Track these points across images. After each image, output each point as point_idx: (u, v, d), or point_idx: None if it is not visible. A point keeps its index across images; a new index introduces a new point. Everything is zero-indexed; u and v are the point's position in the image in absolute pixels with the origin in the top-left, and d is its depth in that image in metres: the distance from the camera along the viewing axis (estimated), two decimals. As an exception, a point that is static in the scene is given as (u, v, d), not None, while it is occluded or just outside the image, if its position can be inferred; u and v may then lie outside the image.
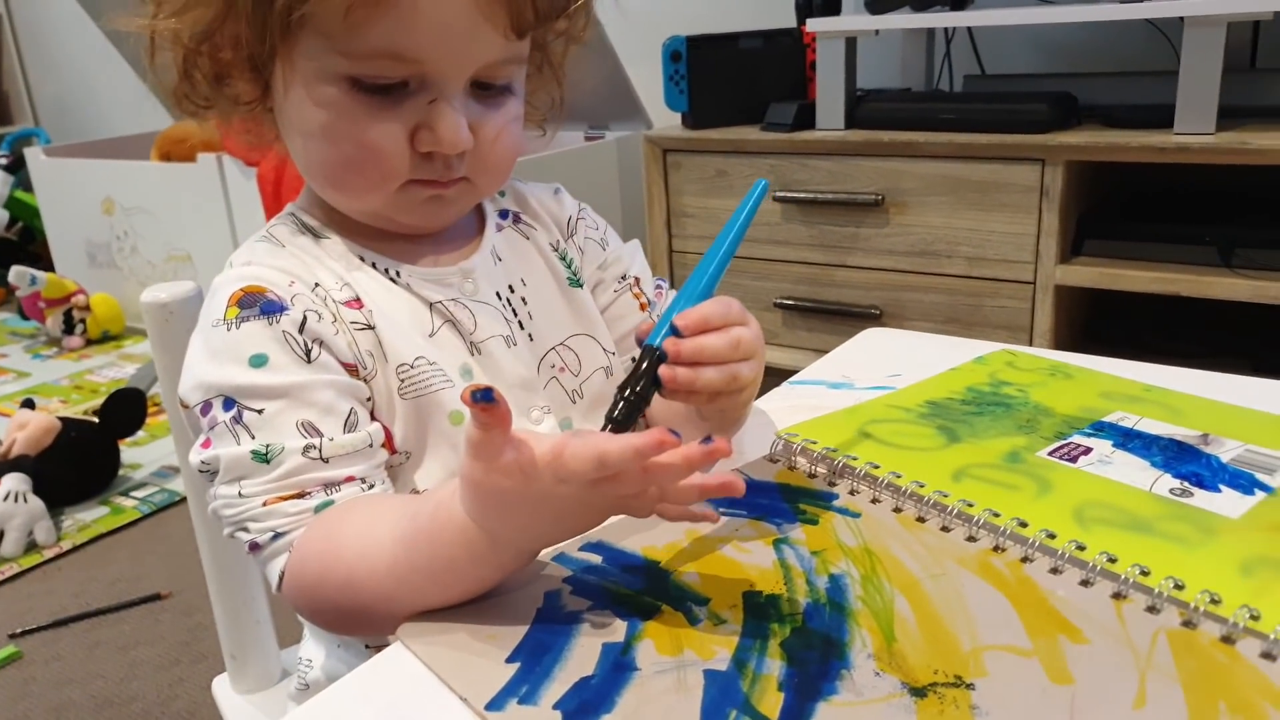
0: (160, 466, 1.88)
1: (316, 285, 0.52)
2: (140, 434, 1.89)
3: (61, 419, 1.76)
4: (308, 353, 0.49)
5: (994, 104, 1.37)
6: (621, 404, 0.45)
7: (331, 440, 0.48)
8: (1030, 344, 1.37)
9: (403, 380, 0.52)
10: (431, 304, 0.55)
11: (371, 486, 0.49)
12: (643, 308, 0.63)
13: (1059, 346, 1.36)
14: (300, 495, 0.47)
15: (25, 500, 1.58)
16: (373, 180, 0.50)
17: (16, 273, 2.54)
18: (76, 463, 1.73)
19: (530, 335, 0.58)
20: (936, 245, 1.40)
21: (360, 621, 0.47)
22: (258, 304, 0.49)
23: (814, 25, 1.48)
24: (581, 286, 0.62)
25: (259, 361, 0.48)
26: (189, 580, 1.48)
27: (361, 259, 0.54)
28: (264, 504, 0.47)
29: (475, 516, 0.40)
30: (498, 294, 0.57)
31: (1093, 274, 1.31)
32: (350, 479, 0.48)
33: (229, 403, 0.48)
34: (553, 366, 0.59)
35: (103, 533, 1.64)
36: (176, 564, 1.54)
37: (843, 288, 1.51)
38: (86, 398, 2.24)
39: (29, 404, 1.93)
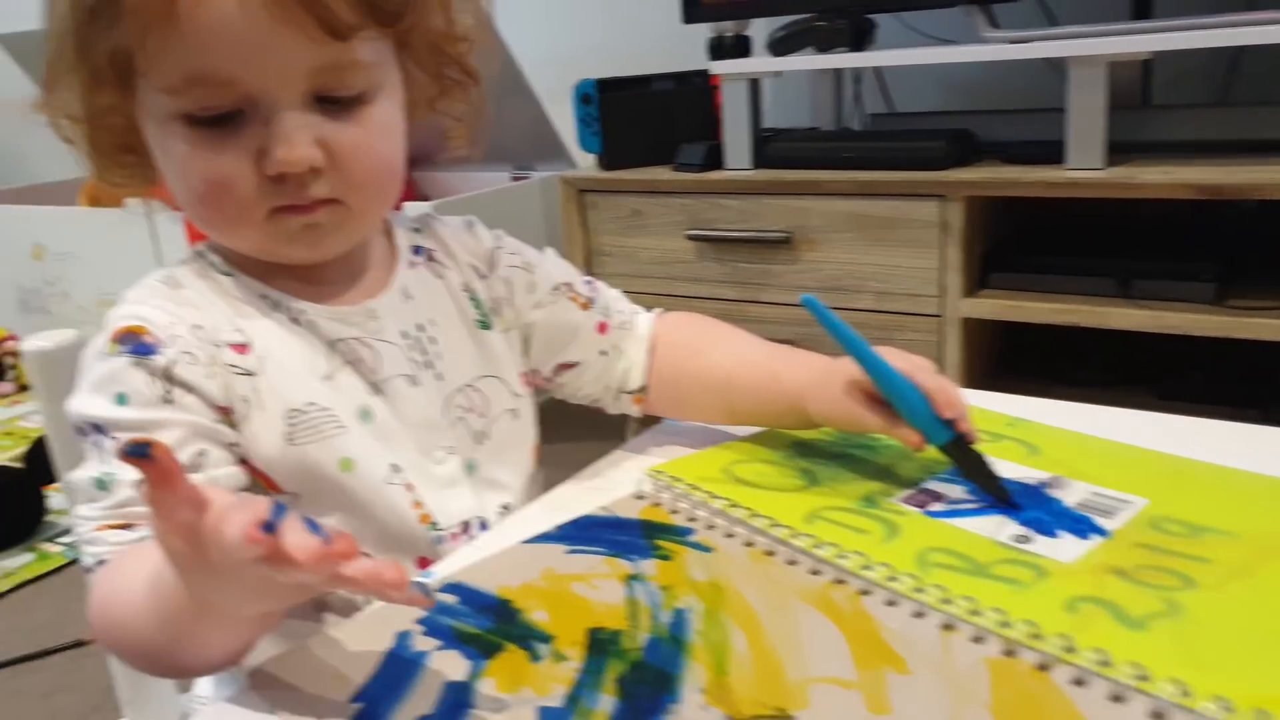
0: (88, 512, 1.84)
1: (198, 327, 0.52)
2: (69, 479, 1.84)
3: (-17, 465, 1.71)
4: (166, 394, 0.50)
5: (894, 141, 1.40)
6: (995, 493, 0.52)
7: None
8: (939, 375, 1.39)
9: (292, 425, 0.52)
10: (333, 342, 0.55)
11: None
12: (583, 307, 0.65)
13: (971, 379, 1.38)
14: (126, 527, 0.47)
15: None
16: (232, 214, 0.50)
17: (-55, 321, 2.47)
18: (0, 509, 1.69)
19: (437, 376, 0.58)
20: (845, 280, 1.43)
21: (158, 665, 0.48)
22: (130, 344, 0.50)
23: (717, 68, 1.50)
24: (490, 329, 0.62)
25: (121, 399, 0.49)
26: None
27: (264, 298, 0.55)
28: (96, 529, 0.47)
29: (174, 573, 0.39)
30: (404, 333, 0.57)
31: (996, 306, 1.34)
32: None
33: (94, 429, 0.49)
34: (459, 407, 0.59)
35: (27, 579, 1.61)
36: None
37: (756, 323, 1.52)
38: (18, 443, 2.16)
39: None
